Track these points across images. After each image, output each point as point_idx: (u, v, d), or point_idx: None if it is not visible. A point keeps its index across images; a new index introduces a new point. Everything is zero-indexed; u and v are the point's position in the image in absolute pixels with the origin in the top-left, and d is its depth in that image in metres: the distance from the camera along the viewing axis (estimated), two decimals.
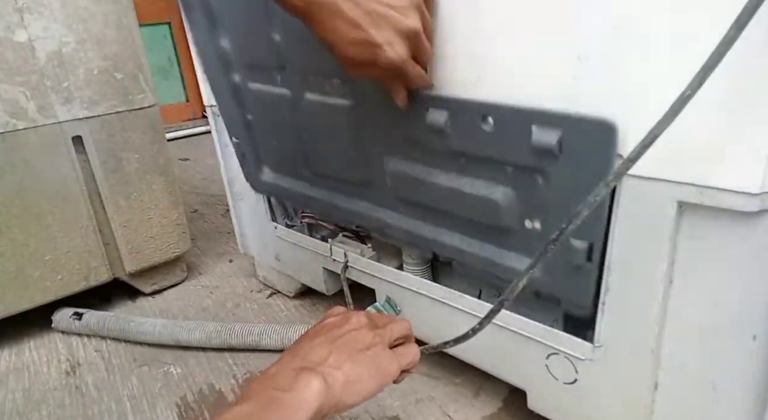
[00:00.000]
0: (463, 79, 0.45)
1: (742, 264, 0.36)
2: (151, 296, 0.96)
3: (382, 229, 0.60)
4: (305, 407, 0.34)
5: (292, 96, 0.60)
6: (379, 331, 0.42)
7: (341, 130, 0.57)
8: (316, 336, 0.41)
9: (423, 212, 0.55)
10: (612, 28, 0.36)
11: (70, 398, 0.72)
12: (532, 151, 0.42)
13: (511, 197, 0.46)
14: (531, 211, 0.46)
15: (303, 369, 0.36)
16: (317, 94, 0.57)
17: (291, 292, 0.90)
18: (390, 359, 0.41)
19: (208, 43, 0.65)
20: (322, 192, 0.66)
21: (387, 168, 0.55)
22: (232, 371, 0.74)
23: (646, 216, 0.39)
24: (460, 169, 0.49)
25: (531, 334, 0.51)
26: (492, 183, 0.47)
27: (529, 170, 0.44)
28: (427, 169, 0.52)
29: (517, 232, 0.47)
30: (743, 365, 0.38)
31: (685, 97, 0.31)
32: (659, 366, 0.43)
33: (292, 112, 0.61)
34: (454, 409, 0.63)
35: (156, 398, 0.70)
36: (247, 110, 0.68)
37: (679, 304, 0.41)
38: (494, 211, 0.47)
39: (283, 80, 0.60)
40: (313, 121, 0.60)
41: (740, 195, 0.34)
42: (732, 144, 0.33)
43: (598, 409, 0.49)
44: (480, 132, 0.44)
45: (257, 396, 0.34)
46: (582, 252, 0.43)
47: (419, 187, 0.53)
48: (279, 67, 0.59)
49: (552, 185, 0.42)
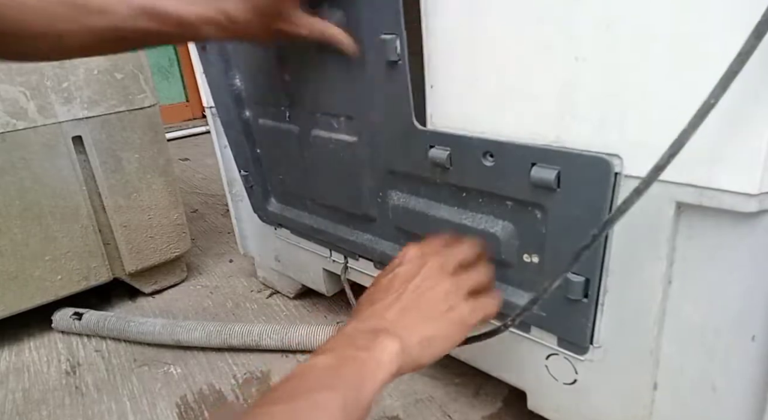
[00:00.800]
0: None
1: (740, 264, 0.36)
2: (151, 296, 0.96)
3: (383, 261, 0.61)
4: (383, 369, 0.34)
5: (300, 132, 0.63)
6: (457, 279, 0.40)
7: (346, 164, 0.59)
8: (390, 289, 0.39)
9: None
10: (606, 26, 0.36)
11: (70, 398, 0.72)
12: (531, 186, 0.43)
13: (510, 231, 0.47)
14: (530, 246, 0.46)
15: (380, 331, 0.36)
16: (324, 131, 0.60)
17: (291, 292, 0.90)
18: (468, 314, 0.39)
19: (221, 81, 0.68)
20: (327, 223, 0.68)
21: (390, 202, 0.57)
22: (232, 371, 0.74)
23: (644, 217, 0.39)
24: (461, 203, 0.50)
25: (531, 335, 0.51)
26: (492, 217, 0.48)
27: (528, 205, 0.45)
28: (429, 203, 0.53)
29: (515, 265, 0.48)
30: (742, 365, 0.38)
31: (709, 105, 0.31)
32: (658, 366, 0.43)
33: (299, 147, 0.64)
34: (454, 409, 0.63)
35: (156, 398, 0.70)
36: (256, 145, 0.71)
37: (678, 305, 0.41)
38: (494, 244, 0.48)
39: (291, 117, 0.63)
40: (319, 156, 0.62)
41: (739, 196, 0.34)
42: (730, 145, 0.33)
43: (598, 409, 0.49)
44: (481, 167, 0.46)
45: (338, 350, 0.35)
46: (579, 286, 0.43)
47: (421, 220, 0.54)
48: (288, 104, 0.63)
49: (550, 220, 0.43)
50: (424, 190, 0.53)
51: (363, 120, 0.55)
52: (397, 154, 0.53)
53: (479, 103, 0.45)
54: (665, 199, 0.37)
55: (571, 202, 0.41)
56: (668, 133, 0.35)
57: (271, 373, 0.73)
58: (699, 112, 0.31)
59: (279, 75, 0.61)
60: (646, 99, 0.36)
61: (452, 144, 0.47)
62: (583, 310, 0.44)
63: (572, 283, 0.43)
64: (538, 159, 0.42)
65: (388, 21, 0.46)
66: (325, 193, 0.65)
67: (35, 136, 0.76)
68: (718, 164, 0.34)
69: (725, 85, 0.30)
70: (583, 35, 0.37)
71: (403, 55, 0.47)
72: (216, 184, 1.54)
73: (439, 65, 0.47)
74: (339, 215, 0.66)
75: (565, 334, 0.47)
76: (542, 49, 0.40)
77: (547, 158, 0.41)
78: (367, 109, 0.53)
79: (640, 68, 0.35)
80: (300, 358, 0.76)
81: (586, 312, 0.44)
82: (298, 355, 0.76)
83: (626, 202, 0.35)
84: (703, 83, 0.32)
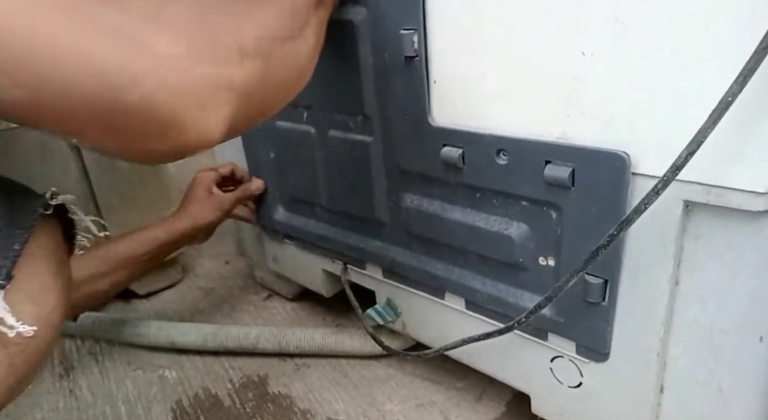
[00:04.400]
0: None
1: (748, 264, 0.36)
2: (145, 298, 0.95)
3: (392, 268, 0.61)
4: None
5: (316, 133, 0.63)
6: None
7: (360, 165, 0.59)
8: None
9: (436, 249, 0.56)
10: (616, 22, 0.35)
11: (64, 402, 0.71)
12: (545, 185, 0.42)
13: (525, 233, 0.47)
14: (545, 248, 0.46)
15: None
16: (340, 131, 0.60)
17: (289, 294, 0.89)
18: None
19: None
20: (335, 230, 0.68)
21: (402, 204, 0.57)
22: (228, 375, 0.73)
23: (652, 215, 0.38)
24: (474, 204, 0.50)
25: (535, 337, 0.50)
26: (506, 219, 0.48)
27: (542, 204, 0.44)
28: (442, 204, 0.53)
29: (530, 269, 0.48)
30: (750, 367, 0.38)
31: (727, 103, 0.31)
32: (665, 368, 0.43)
33: (315, 149, 0.64)
34: (456, 414, 0.63)
35: (151, 402, 0.69)
36: (271, 148, 0.71)
37: (685, 306, 0.40)
38: (509, 247, 0.48)
39: (308, 118, 0.64)
40: (333, 158, 0.63)
41: (747, 194, 0.34)
42: (739, 143, 0.33)
43: (604, 412, 0.48)
44: (494, 166, 0.45)
45: None
46: (598, 288, 0.42)
47: (434, 223, 0.54)
48: (306, 105, 0.63)
49: (565, 220, 0.43)
50: (437, 192, 0.53)
51: (379, 118, 0.55)
52: (411, 152, 0.52)
53: (484, 98, 0.45)
54: (673, 197, 0.37)
55: (586, 201, 0.40)
56: (678, 131, 0.34)
57: (268, 377, 0.72)
58: (716, 110, 0.31)
59: None
60: (655, 95, 0.35)
61: (465, 141, 0.47)
62: (602, 313, 0.43)
63: (590, 285, 0.42)
64: (552, 156, 0.41)
65: (408, 16, 0.46)
66: (336, 197, 0.65)
67: (29, 135, 0.75)
68: (726, 162, 0.34)
69: (743, 83, 0.30)
70: (591, 30, 0.37)
71: (420, 50, 0.47)
72: None
73: (443, 60, 0.46)
74: (348, 222, 0.65)
75: (584, 340, 0.46)
76: (548, 44, 0.39)
77: (562, 155, 0.40)
78: (383, 107, 0.53)
79: (649, 64, 0.35)
80: (298, 361, 0.75)
81: (605, 316, 0.43)
82: (296, 358, 0.75)
83: (644, 202, 0.35)
84: (715, 80, 0.32)
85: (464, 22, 0.44)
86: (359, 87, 0.54)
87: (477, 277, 0.53)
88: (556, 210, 0.43)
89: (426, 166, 0.52)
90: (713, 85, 0.32)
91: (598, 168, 0.39)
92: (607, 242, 0.37)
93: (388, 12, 0.48)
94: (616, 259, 0.41)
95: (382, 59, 0.51)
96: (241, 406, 0.67)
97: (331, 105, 0.60)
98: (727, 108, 0.31)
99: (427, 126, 0.50)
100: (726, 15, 0.31)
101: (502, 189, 0.46)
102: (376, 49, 0.51)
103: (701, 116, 0.32)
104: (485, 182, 0.47)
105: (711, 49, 0.32)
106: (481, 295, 0.52)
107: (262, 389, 0.70)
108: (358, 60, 0.53)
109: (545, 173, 0.42)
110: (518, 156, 0.44)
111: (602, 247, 0.37)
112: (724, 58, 0.32)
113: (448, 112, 0.48)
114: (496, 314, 0.52)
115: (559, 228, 0.44)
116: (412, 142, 0.52)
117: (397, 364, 0.71)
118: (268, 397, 0.68)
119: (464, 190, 0.50)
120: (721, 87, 0.31)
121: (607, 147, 0.38)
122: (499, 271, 0.51)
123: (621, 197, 0.39)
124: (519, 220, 0.47)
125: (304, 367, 0.73)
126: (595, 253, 0.38)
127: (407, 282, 0.61)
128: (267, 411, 0.66)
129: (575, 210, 0.42)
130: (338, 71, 0.56)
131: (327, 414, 0.64)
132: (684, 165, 0.33)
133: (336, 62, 0.55)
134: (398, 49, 0.48)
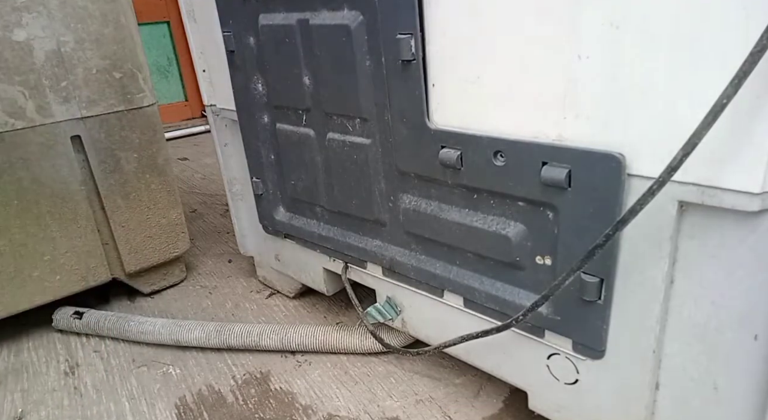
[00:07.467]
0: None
1: (743, 264, 0.36)
2: (149, 297, 0.96)
3: (392, 267, 0.61)
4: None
5: (315, 135, 0.64)
6: None
7: (359, 167, 0.60)
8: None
9: (434, 249, 0.56)
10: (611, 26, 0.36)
11: (69, 399, 0.72)
12: (542, 186, 0.43)
13: (522, 233, 0.47)
14: (542, 247, 0.46)
15: None
16: (339, 134, 0.61)
17: (291, 292, 0.90)
18: None
19: (245, 86, 0.69)
20: (335, 230, 0.68)
21: (401, 205, 0.57)
22: (232, 372, 0.74)
23: (647, 216, 0.39)
24: (472, 205, 0.50)
25: (532, 335, 0.51)
26: (503, 219, 0.48)
27: (539, 205, 0.45)
28: (440, 205, 0.53)
29: (527, 268, 0.48)
30: (745, 365, 0.38)
31: (722, 105, 0.31)
32: (660, 366, 0.43)
33: (314, 151, 0.65)
34: (455, 409, 0.63)
35: (155, 399, 0.70)
36: (271, 150, 0.72)
37: (680, 304, 0.40)
38: (506, 246, 0.48)
39: (308, 120, 0.64)
40: (333, 160, 0.63)
41: (741, 194, 0.34)
42: (733, 144, 0.33)
43: (600, 409, 0.49)
44: (492, 167, 0.46)
45: None
46: (594, 287, 0.43)
47: (432, 223, 0.54)
48: (306, 108, 0.64)
49: (562, 220, 0.43)
50: (436, 193, 0.53)
51: (377, 121, 0.55)
52: (409, 154, 0.53)
53: (482, 101, 0.45)
54: (668, 198, 0.37)
55: (582, 201, 0.41)
56: (673, 133, 0.35)
57: (270, 373, 0.73)
58: (711, 112, 0.31)
59: (299, 78, 0.62)
60: (650, 98, 0.36)
61: (463, 143, 0.47)
62: (598, 312, 0.44)
63: (586, 284, 0.43)
64: (548, 157, 0.42)
65: (405, 20, 0.47)
66: (336, 199, 0.65)
67: (34, 136, 0.76)
68: (720, 163, 0.34)
69: (737, 85, 0.30)
70: (587, 33, 0.37)
71: (417, 54, 0.47)
72: (215, 183, 1.54)
73: (440, 63, 0.47)
74: (349, 222, 0.66)
75: (580, 338, 0.46)
76: (544, 47, 0.39)
77: (558, 157, 0.41)
78: (382, 110, 0.54)
79: (644, 67, 0.35)
80: (299, 358, 0.75)
81: (601, 314, 0.44)
82: (297, 355, 0.76)
83: (640, 202, 0.35)
84: (709, 82, 0.32)
85: (461, 26, 0.44)
86: (356, 90, 0.55)
87: (475, 276, 0.53)
88: (553, 210, 0.44)
89: (424, 168, 0.52)
90: (708, 87, 0.32)
91: (594, 169, 0.39)
92: (603, 242, 0.38)
93: (384, 17, 0.48)
94: (612, 259, 0.41)
95: (379, 63, 0.51)
96: (244, 402, 0.68)
97: (329, 108, 0.60)
98: (722, 110, 0.31)
99: (425, 128, 0.50)
100: (720, 19, 0.31)
101: (499, 190, 0.47)
102: (373, 53, 0.51)
103: (696, 118, 0.32)
104: (483, 183, 0.48)
105: (705, 52, 0.32)
106: (479, 293, 0.53)
107: (265, 385, 0.71)
108: (355, 64, 0.53)
109: (542, 174, 0.42)
110: (515, 157, 0.44)
111: (598, 247, 0.38)
112: (719, 61, 0.32)
113: (447, 115, 0.49)
114: (493, 312, 0.53)
115: (555, 228, 0.44)
116: (410, 144, 0.52)
117: (397, 361, 0.72)
118: (270, 393, 0.69)
119: (462, 191, 0.51)
120: (715, 89, 0.31)
121: (602, 148, 0.39)
122: (496, 270, 0.51)
123: (616, 197, 0.39)
124: (516, 220, 0.47)
125: (306, 364, 0.74)
126: (591, 253, 0.38)
127: (407, 281, 0.61)
128: (269, 407, 0.67)
129: (571, 210, 0.42)
130: (336, 75, 0.56)
131: (328, 410, 0.65)
132: (679, 166, 0.33)
133: (333, 66, 0.56)
134: (396, 53, 0.48)
